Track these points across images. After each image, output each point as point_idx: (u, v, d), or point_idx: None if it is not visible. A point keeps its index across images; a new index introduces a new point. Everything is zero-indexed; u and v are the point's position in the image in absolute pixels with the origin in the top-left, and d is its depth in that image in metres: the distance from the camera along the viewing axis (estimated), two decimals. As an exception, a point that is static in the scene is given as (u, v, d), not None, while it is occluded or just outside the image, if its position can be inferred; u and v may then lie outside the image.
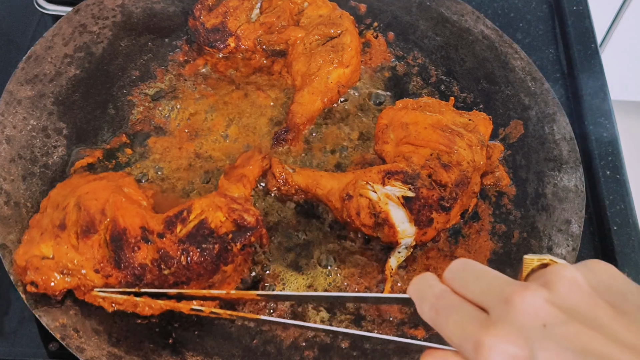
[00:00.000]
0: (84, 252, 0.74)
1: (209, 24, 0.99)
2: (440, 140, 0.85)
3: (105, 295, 0.75)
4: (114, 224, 0.75)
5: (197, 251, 0.74)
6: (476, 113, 0.92)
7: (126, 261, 0.74)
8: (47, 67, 0.94)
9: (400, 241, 0.81)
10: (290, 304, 0.80)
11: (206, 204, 0.77)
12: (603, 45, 2.04)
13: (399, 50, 1.05)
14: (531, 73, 1.00)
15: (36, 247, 0.75)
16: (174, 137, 0.93)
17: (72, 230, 0.75)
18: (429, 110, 0.89)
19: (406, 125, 0.88)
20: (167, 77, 0.99)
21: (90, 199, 0.76)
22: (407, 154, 0.85)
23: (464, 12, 1.06)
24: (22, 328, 0.81)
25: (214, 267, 0.75)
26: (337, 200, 0.84)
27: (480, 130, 0.89)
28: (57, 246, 0.74)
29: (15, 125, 0.88)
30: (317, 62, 0.95)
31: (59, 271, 0.74)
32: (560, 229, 0.86)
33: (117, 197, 0.77)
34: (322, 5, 1.01)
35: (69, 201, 0.77)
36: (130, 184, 0.82)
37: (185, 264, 0.74)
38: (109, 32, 1.00)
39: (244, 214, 0.77)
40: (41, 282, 0.73)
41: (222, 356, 0.76)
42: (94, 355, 0.73)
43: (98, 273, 0.74)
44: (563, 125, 0.95)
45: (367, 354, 0.77)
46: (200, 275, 0.75)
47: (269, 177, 0.88)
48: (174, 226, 0.75)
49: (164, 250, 0.74)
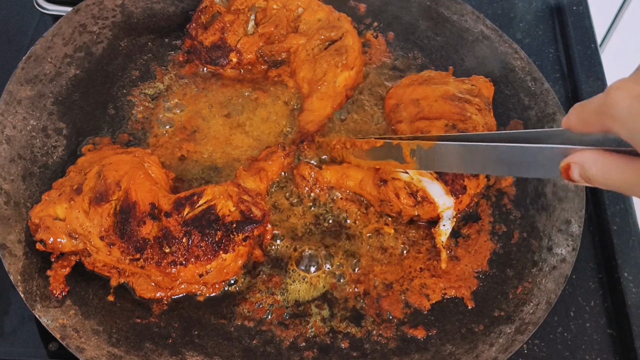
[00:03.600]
0: (93, 218, 0.76)
1: (208, 42, 0.97)
2: (453, 110, 0.87)
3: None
4: (125, 196, 0.76)
5: (199, 235, 0.75)
6: (476, 77, 0.95)
7: (130, 233, 0.75)
8: (47, 67, 0.94)
9: (442, 215, 0.83)
10: (293, 302, 0.80)
11: (218, 192, 0.79)
12: (603, 45, 2.04)
13: (399, 50, 1.05)
14: (531, 73, 1.00)
15: (51, 207, 0.77)
16: (174, 137, 0.93)
17: (86, 196, 0.77)
18: (434, 83, 0.91)
19: (417, 101, 0.89)
20: (167, 77, 0.99)
21: (111, 169, 0.78)
22: (424, 129, 0.87)
23: (464, 12, 1.06)
24: (22, 328, 0.81)
25: (214, 253, 0.76)
26: (372, 187, 0.85)
27: (484, 94, 0.92)
28: (70, 209, 0.77)
29: (15, 125, 0.87)
30: (322, 68, 0.95)
31: (67, 233, 0.76)
32: (560, 229, 0.86)
33: (136, 171, 0.79)
34: (318, 10, 1.00)
35: (93, 168, 0.79)
36: (154, 163, 0.83)
37: (185, 245, 0.75)
38: (108, 32, 1.00)
39: (252, 207, 0.78)
40: (49, 242, 0.76)
41: (222, 356, 0.76)
42: (94, 355, 0.73)
43: (103, 240, 0.75)
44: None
45: (366, 354, 0.77)
46: (198, 259, 0.76)
47: (297, 181, 0.88)
48: (183, 208, 0.77)
49: (167, 229, 0.75)
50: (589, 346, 0.84)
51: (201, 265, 0.76)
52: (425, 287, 0.83)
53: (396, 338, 0.79)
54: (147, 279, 0.78)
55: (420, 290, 0.83)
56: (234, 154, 0.92)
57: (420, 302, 0.82)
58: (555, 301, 0.80)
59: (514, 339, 0.77)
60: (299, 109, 0.96)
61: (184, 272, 0.76)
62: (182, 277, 0.77)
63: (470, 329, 0.80)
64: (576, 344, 0.84)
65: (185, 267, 0.76)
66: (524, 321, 0.79)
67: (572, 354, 0.83)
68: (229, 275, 0.80)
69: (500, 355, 0.76)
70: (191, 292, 0.80)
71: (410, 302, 0.82)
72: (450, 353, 0.78)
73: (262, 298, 0.81)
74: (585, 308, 0.87)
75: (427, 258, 0.85)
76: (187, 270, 0.76)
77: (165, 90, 0.97)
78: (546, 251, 0.85)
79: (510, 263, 0.85)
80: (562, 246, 0.85)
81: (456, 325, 0.80)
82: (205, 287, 0.80)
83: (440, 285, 0.83)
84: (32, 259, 0.78)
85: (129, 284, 0.79)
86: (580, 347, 0.84)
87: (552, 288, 0.81)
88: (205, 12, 0.99)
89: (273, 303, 0.80)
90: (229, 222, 0.77)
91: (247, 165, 0.89)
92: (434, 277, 0.83)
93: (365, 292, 0.82)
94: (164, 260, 0.75)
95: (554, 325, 0.85)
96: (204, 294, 0.80)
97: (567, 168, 0.56)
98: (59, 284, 0.77)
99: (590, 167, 0.54)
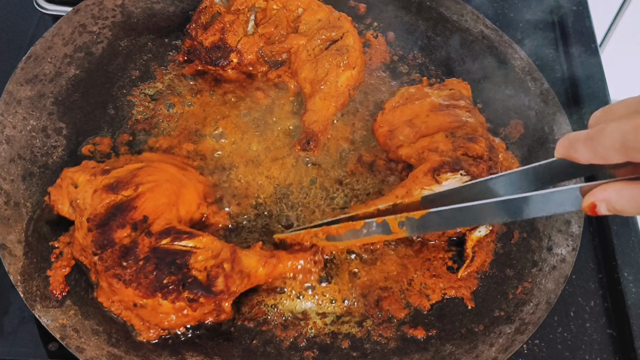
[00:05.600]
0: (94, 199, 0.76)
1: (208, 42, 0.96)
2: (448, 119, 0.87)
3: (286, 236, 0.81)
4: (133, 199, 0.76)
5: (153, 266, 0.72)
6: (450, 81, 0.95)
7: (106, 228, 0.74)
8: (46, 67, 0.93)
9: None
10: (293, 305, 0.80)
11: (211, 246, 0.75)
12: (603, 45, 2.04)
13: (399, 50, 1.05)
14: (531, 73, 1.00)
15: (78, 174, 0.80)
16: (174, 137, 0.93)
17: (107, 179, 0.78)
18: (416, 99, 0.91)
19: (410, 122, 0.89)
20: (167, 77, 0.99)
21: (147, 172, 0.79)
22: (429, 147, 0.86)
23: (464, 12, 1.06)
24: (22, 328, 0.81)
25: (153, 291, 0.72)
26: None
27: (464, 94, 0.92)
28: (86, 183, 0.78)
29: (15, 125, 0.87)
30: (324, 68, 0.95)
31: (70, 200, 0.79)
32: (560, 229, 0.86)
33: (165, 185, 0.78)
34: (318, 10, 0.99)
35: (137, 163, 0.81)
36: (195, 191, 0.82)
37: (137, 267, 0.72)
38: (108, 32, 1.00)
39: (220, 277, 0.74)
40: (53, 197, 0.80)
41: (222, 356, 0.76)
42: (94, 355, 0.73)
43: (88, 222, 0.75)
44: (563, 125, 0.95)
45: (366, 354, 0.77)
46: (138, 286, 0.72)
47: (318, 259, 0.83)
48: (166, 236, 0.74)
49: (135, 244, 0.73)
50: (589, 346, 0.84)
51: (138, 296, 0.73)
52: (425, 287, 0.83)
53: (396, 338, 0.79)
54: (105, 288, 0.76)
55: (420, 290, 0.83)
56: (235, 152, 0.92)
57: (420, 302, 0.82)
58: (555, 301, 0.80)
59: (514, 339, 0.77)
60: (302, 109, 0.96)
61: (122, 292, 0.73)
62: (119, 296, 0.74)
63: (470, 329, 0.80)
64: (576, 344, 0.84)
65: (125, 287, 0.73)
66: (524, 321, 0.79)
67: (572, 354, 0.83)
68: (166, 325, 0.75)
69: (500, 355, 0.76)
70: (129, 323, 0.76)
71: (410, 302, 0.82)
72: (450, 353, 0.78)
73: (263, 298, 0.81)
74: (585, 308, 0.87)
75: (427, 258, 0.85)
76: (125, 292, 0.73)
77: (166, 89, 0.97)
78: (546, 251, 0.85)
79: (510, 263, 0.85)
80: (562, 246, 0.85)
81: (456, 325, 0.80)
82: (142, 324, 0.76)
83: (440, 285, 0.83)
84: (32, 259, 0.78)
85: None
86: (580, 347, 0.84)
87: (552, 288, 0.81)
88: (205, 12, 0.99)
89: (273, 303, 0.80)
90: (190, 275, 0.73)
91: (276, 241, 0.84)
92: (434, 277, 0.83)
93: (365, 292, 0.82)
94: (113, 270, 0.73)
95: (554, 325, 0.85)
96: (141, 334, 0.76)
97: (593, 207, 0.55)
98: (59, 284, 0.77)
99: (618, 201, 0.53)
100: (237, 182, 0.89)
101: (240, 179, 0.89)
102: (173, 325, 0.75)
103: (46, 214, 0.82)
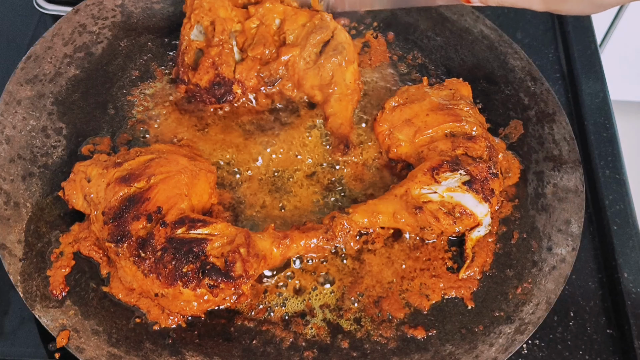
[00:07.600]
0: (107, 193, 0.77)
1: (205, 82, 0.92)
2: (447, 119, 0.87)
3: None
4: (146, 190, 0.76)
5: (171, 256, 0.73)
6: (450, 81, 0.95)
7: (120, 220, 0.75)
8: (46, 67, 0.94)
9: (481, 222, 0.84)
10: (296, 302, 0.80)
11: (225, 232, 0.76)
12: (603, 45, 2.04)
13: (399, 50, 1.05)
14: (531, 73, 1.00)
15: (91, 167, 0.80)
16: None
17: (119, 172, 0.78)
18: (416, 98, 0.91)
19: (409, 121, 0.89)
20: (167, 77, 0.99)
21: (159, 164, 0.79)
22: (429, 145, 0.87)
23: (464, 12, 1.06)
24: (22, 328, 0.81)
25: (173, 280, 0.73)
26: (408, 217, 0.83)
27: (464, 94, 0.92)
28: (98, 176, 0.79)
29: (15, 126, 0.88)
30: (327, 71, 0.94)
31: (85, 194, 0.79)
32: (560, 229, 0.86)
33: (177, 176, 0.79)
34: (297, 16, 0.96)
35: (147, 155, 0.81)
36: (207, 180, 0.82)
37: (155, 258, 0.73)
38: (108, 32, 1.00)
39: (237, 262, 0.74)
40: (67, 192, 0.80)
41: (222, 356, 0.76)
42: (94, 355, 0.73)
43: (103, 216, 0.76)
44: (563, 125, 0.95)
45: (366, 354, 0.77)
46: (158, 276, 0.73)
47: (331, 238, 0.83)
48: (181, 226, 0.75)
49: (151, 235, 0.74)
50: (589, 346, 0.84)
51: (158, 285, 0.74)
52: (425, 287, 0.83)
53: (396, 338, 0.79)
54: (121, 281, 0.77)
55: (420, 290, 0.83)
56: (234, 152, 0.92)
57: (420, 302, 0.82)
58: (555, 301, 0.80)
59: (514, 339, 0.78)
60: (322, 118, 0.95)
61: (143, 283, 0.74)
62: (140, 287, 0.75)
63: (470, 329, 0.80)
64: (576, 344, 0.84)
65: (145, 278, 0.74)
66: (524, 321, 0.79)
67: (572, 354, 0.83)
68: (188, 312, 0.76)
69: (500, 355, 0.76)
70: (147, 311, 0.77)
71: (410, 302, 0.82)
72: (450, 353, 0.78)
73: (263, 298, 0.81)
74: (585, 308, 0.87)
75: (427, 258, 0.85)
76: (145, 282, 0.74)
77: (165, 90, 0.97)
78: (546, 251, 0.85)
79: (510, 263, 0.85)
80: (562, 246, 0.85)
81: (456, 325, 0.80)
82: (162, 312, 0.77)
83: (440, 286, 0.83)
84: (32, 259, 0.78)
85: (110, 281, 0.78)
86: (580, 347, 0.84)
87: (552, 288, 0.81)
88: (187, 52, 0.94)
89: (273, 303, 0.80)
90: (208, 262, 0.74)
91: (292, 228, 0.83)
92: (433, 277, 0.83)
93: (365, 292, 0.82)
94: (127, 261, 0.74)
95: (554, 325, 0.85)
96: (160, 322, 0.77)
97: None
98: (58, 284, 0.77)
99: None
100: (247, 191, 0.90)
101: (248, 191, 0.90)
102: (195, 311, 0.77)
103: (46, 214, 0.82)
